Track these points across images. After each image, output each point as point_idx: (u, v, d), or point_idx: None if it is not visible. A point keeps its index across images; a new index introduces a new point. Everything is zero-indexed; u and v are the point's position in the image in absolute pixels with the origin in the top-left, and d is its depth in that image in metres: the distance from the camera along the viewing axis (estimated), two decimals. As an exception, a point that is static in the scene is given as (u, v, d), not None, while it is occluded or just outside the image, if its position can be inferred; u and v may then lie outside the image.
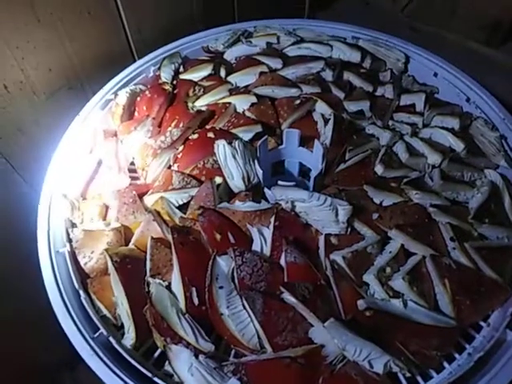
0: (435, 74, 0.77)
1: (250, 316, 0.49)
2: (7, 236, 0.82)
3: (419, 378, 0.48)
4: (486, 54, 1.00)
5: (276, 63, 0.78)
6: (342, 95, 0.74)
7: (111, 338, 0.50)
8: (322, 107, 0.71)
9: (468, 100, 0.72)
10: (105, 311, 0.53)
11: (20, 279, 0.85)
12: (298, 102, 0.71)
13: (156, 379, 0.47)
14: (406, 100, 0.73)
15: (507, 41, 0.98)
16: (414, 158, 0.63)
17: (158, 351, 0.51)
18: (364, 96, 0.73)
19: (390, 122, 0.70)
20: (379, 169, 0.62)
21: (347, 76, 0.77)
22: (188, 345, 0.48)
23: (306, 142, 0.66)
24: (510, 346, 0.48)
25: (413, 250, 0.54)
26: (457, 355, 0.49)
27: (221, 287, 0.51)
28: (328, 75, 0.77)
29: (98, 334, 0.51)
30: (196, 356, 0.47)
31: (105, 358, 0.49)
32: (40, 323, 0.88)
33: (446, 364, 0.49)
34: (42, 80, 0.76)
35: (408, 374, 0.47)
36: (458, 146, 0.64)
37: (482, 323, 0.51)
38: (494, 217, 0.57)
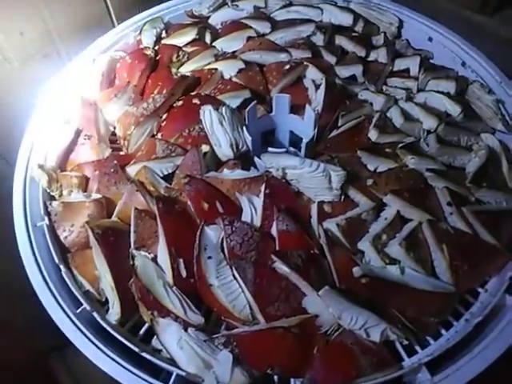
0: (430, 39, 0.75)
1: (240, 286, 0.46)
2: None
3: (416, 347, 0.47)
4: (480, 22, 0.97)
5: (264, 27, 0.74)
6: (333, 60, 0.71)
7: (95, 314, 0.48)
8: (312, 73, 0.68)
9: (464, 64, 0.70)
10: (87, 286, 0.51)
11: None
12: (287, 67, 0.68)
13: (144, 354, 0.45)
14: (400, 64, 0.71)
15: (501, 8, 0.96)
16: (409, 122, 0.61)
17: (145, 327, 0.49)
18: (356, 60, 0.70)
19: (384, 87, 0.68)
20: (373, 134, 0.60)
21: (339, 40, 0.74)
22: (176, 318, 0.46)
23: (296, 110, 0.63)
24: (509, 310, 0.46)
25: (409, 216, 0.52)
26: (454, 322, 0.48)
27: (209, 257, 0.48)
28: (319, 39, 0.73)
29: (80, 309, 0.48)
30: (185, 329, 0.45)
31: (89, 334, 0.46)
32: (26, 306, 0.85)
33: (443, 331, 0.48)
34: (14, 45, 0.71)
35: (405, 342, 0.45)
36: (455, 110, 0.61)
37: (480, 289, 0.50)
38: (492, 181, 0.55)
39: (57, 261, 0.52)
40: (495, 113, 0.61)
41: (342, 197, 0.54)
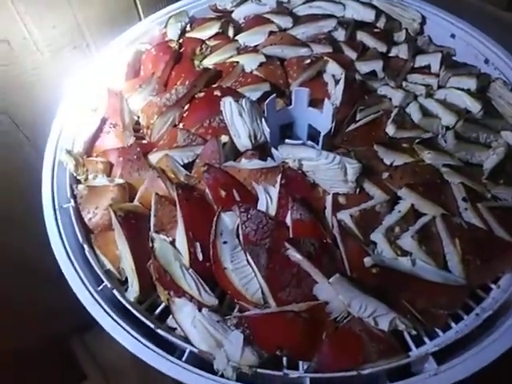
0: (453, 36, 0.74)
1: (253, 271, 0.48)
2: (14, 199, 0.83)
3: (425, 338, 0.47)
4: (506, 19, 0.95)
5: (286, 22, 0.76)
6: (354, 55, 0.71)
7: (115, 291, 0.50)
8: (332, 68, 0.69)
9: (487, 61, 0.69)
10: (109, 265, 0.53)
11: (27, 241, 0.86)
12: (308, 61, 0.69)
13: (159, 331, 0.47)
14: (421, 61, 0.71)
15: (529, 5, 0.94)
16: (428, 118, 0.61)
17: (160, 308, 0.51)
18: (377, 56, 0.70)
19: (404, 83, 0.68)
20: (391, 129, 0.60)
21: (360, 36, 0.75)
22: (191, 298, 0.48)
23: (315, 104, 0.64)
24: (520, 306, 0.46)
25: (423, 210, 0.52)
26: (465, 316, 0.48)
27: (225, 242, 0.50)
28: (340, 35, 0.74)
29: (101, 286, 0.51)
30: (199, 309, 0.47)
31: (108, 310, 0.48)
32: (50, 290, 0.89)
33: (453, 324, 0.48)
34: (46, 37, 0.74)
35: (414, 332, 0.46)
36: (475, 107, 0.61)
37: (492, 285, 0.50)
38: (510, 178, 0.54)
39: (81, 241, 0.54)
40: (517, 110, 0.61)
41: (357, 189, 0.55)
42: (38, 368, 1.06)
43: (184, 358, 0.45)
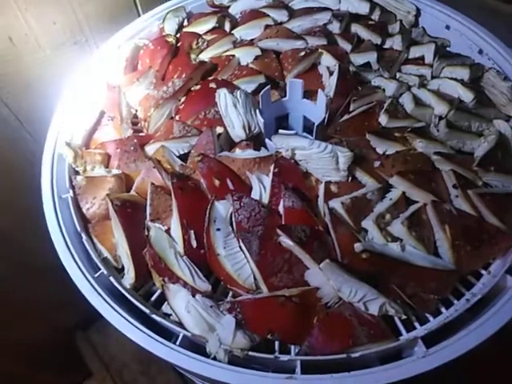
0: (447, 27, 0.74)
1: (246, 257, 0.49)
2: (15, 194, 0.84)
3: (416, 323, 0.48)
4: (506, 12, 0.95)
5: (282, 16, 0.76)
6: (348, 47, 0.72)
7: (111, 278, 0.51)
8: (327, 60, 0.69)
9: (481, 52, 0.69)
10: (106, 253, 0.54)
11: (29, 236, 0.88)
12: (302, 53, 0.69)
13: (154, 316, 0.48)
14: (415, 52, 0.71)
15: (528, -3, 0.93)
16: (421, 108, 0.61)
17: (156, 294, 0.52)
18: (371, 48, 0.71)
19: (398, 74, 0.68)
20: (383, 119, 0.61)
21: (355, 28, 0.75)
22: (185, 284, 0.49)
23: (310, 96, 0.65)
24: (508, 291, 0.47)
25: (414, 198, 0.53)
26: (455, 301, 0.49)
27: (218, 229, 0.51)
28: (335, 27, 0.74)
29: (98, 273, 0.52)
30: (193, 295, 0.48)
31: (105, 296, 0.50)
32: (56, 289, 0.91)
33: (443, 309, 0.48)
34: (47, 33, 0.76)
35: (403, 317, 0.47)
36: (467, 96, 0.62)
37: (483, 271, 0.51)
38: (501, 166, 0.55)
39: (79, 229, 0.56)
40: (509, 99, 0.61)
41: (349, 178, 0.56)
42: (43, 365, 1.08)
43: (178, 342, 0.46)
